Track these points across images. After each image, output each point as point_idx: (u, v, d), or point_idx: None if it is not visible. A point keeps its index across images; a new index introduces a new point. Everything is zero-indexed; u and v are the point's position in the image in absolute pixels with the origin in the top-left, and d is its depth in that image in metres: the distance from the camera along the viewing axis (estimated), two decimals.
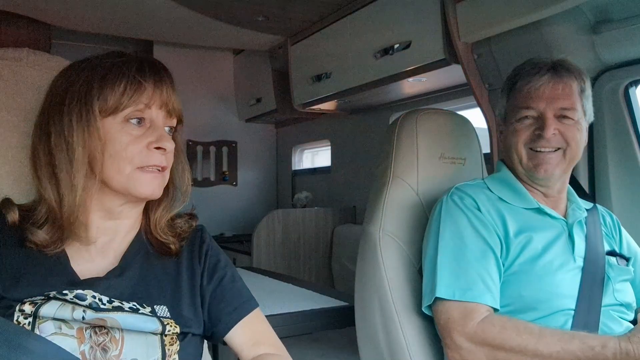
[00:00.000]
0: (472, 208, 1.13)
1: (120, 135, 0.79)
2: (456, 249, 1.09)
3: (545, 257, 1.08)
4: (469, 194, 1.15)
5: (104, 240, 0.84)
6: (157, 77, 0.81)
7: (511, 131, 1.16)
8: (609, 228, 1.23)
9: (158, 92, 0.80)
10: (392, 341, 1.19)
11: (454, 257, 1.08)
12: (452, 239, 1.10)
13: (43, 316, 0.74)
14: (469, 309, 1.03)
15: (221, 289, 0.88)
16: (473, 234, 1.09)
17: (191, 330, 0.83)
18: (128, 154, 0.79)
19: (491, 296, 1.04)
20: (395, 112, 2.70)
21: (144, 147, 0.79)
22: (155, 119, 0.81)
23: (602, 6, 1.39)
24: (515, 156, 1.16)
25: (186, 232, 0.90)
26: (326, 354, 1.65)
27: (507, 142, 1.18)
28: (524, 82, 1.14)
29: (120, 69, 0.80)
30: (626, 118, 1.47)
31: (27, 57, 0.94)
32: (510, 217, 1.12)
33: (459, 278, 1.06)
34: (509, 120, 1.18)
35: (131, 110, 0.79)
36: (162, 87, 0.81)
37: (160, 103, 0.81)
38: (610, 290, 1.09)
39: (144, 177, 0.80)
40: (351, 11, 2.28)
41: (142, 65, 0.81)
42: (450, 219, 1.12)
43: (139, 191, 0.80)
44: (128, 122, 0.79)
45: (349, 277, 1.52)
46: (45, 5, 2.38)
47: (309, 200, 3.33)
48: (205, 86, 3.63)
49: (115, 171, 0.79)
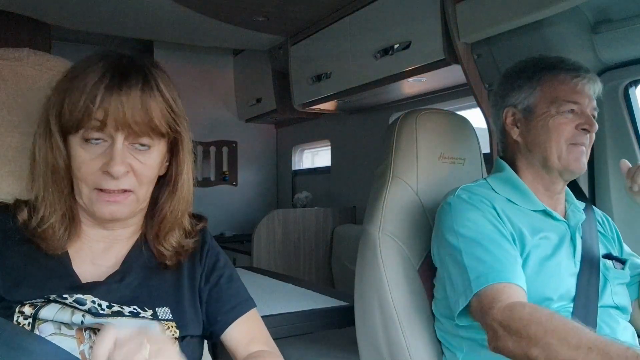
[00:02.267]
0: (483, 204, 1.10)
1: (78, 153, 0.75)
2: (477, 243, 1.04)
3: (554, 259, 1.07)
4: (477, 192, 1.13)
5: (104, 246, 0.84)
6: (120, 88, 0.73)
7: (549, 124, 1.11)
8: (606, 230, 1.23)
9: (115, 107, 0.72)
10: (391, 341, 1.19)
11: (477, 251, 1.03)
12: (471, 235, 1.06)
13: (42, 318, 0.74)
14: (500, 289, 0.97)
15: (218, 289, 0.88)
16: (490, 226, 1.06)
17: (190, 332, 0.82)
18: (82, 173, 0.75)
19: (521, 276, 1.00)
20: (395, 112, 2.70)
21: (98, 170, 0.74)
22: (115, 137, 0.74)
23: (602, 6, 1.39)
24: (554, 150, 1.11)
25: (189, 251, 0.88)
26: (326, 353, 1.65)
27: (540, 135, 1.12)
28: (569, 76, 1.11)
29: (81, 81, 0.74)
30: (626, 118, 1.47)
31: (28, 57, 0.94)
32: (519, 218, 1.10)
33: (487, 265, 1.00)
34: (540, 112, 1.13)
35: (86, 130, 0.73)
36: (124, 102, 0.72)
37: (118, 122, 0.72)
38: (608, 292, 1.09)
39: (99, 201, 0.76)
40: (351, 11, 2.28)
41: (106, 71, 0.73)
42: (464, 216, 1.09)
43: (98, 214, 0.77)
44: (87, 141, 0.74)
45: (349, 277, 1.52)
46: (45, 5, 2.39)
47: (309, 200, 3.33)
48: (205, 86, 3.62)
49: (77, 189, 0.78)
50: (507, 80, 1.20)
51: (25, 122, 0.90)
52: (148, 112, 0.75)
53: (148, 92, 0.75)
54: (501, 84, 1.22)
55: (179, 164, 0.83)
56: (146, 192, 0.81)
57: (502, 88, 1.21)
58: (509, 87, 1.18)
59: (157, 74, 0.79)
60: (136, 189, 0.78)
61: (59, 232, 0.78)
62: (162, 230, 0.84)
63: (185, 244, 0.86)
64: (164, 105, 0.77)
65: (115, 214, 0.77)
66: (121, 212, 0.78)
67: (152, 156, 0.78)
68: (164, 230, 0.84)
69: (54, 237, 0.78)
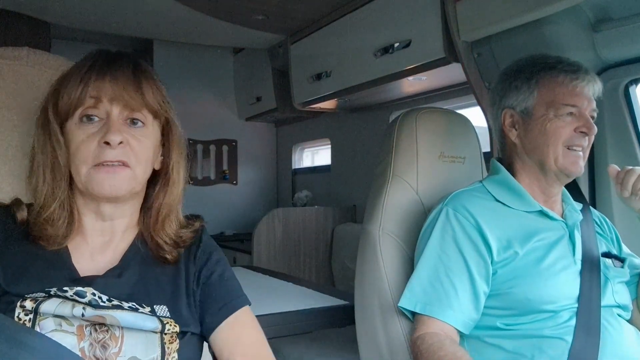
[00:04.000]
0: (464, 224, 1.10)
1: (75, 135, 0.78)
2: (435, 263, 1.09)
3: (548, 260, 1.07)
4: (465, 206, 1.12)
5: (102, 240, 0.84)
6: (113, 69, 0.78)
7: (547, 127, 1.10)
8: (604, 230, 1.23)
9: (109, 85, 0.77)
10: (392, 340, 1.19)
11: (431, 270, 1.10)
12: (435, 252, 1.10)
13: (43, 313, 0.74)
14: (421, 321, 1.07)
15: (207, 288, 0.87)
16: (456, 256, 1.08)
17: (190, 330, 0.83)
18: (82, 153, 0.77)
19: (452, 313, 1.05)
20: (395, 111, 2.70)
21: (96, 144, 0.77)
22: (110, 112, 0.78)
23: (602, 5, 1.39)
24: (551, 153, 1.11)
25: (187, 242, 0.88)
26: (326, 352, 1.65)
27: (537, 138, 1.12)
28: (568, 77, 1.11)
29: (77, 69, 0.79)
30: (626, 116, 1.47)
31: (27, 56, 0.94)
32: (510, 225, 1.10)
33: (429, 295, 1.08)
34: (538, 115, 1.12)
35: (82, 108, 0.78)
36: (117, 79, 0.78)
37: (112, 95, 0.77)
38: (609, 291, 1.09)
39: (99, 175, 0.77)
40: (351, 10, 2.28)
41: (98, 59, 0.79)
42: (440, 231, 1.12)
43: (97, 190, 0.78)
44: (82, 121, 0.78)
45: (349, 276, 1.53)
46: (45, 3, 2.39)
47: (309, 199, 3.33)
48: (205, 85, 3.62)
49: (75, 173, 0.79)
50: (505, 80, 1.19)
51: (24, 122, 0.90)
52: (140, 87, 0.79)
53: (139, 72, 0.80)
54: (499, 82, 1.21)
55: (171, 151, 0.86)
56: (143, 173, 0.82)
57: (501, 87, 1.20)
58: (507, 87, 1.18)
59: (147, 65, 0.84)
60: (133, 165, 0.79)
61: (58, 225, 0.79)
62: (159, 219, 0.86)
63: (183, 234, 0.88)
64: (155, 86, 0.82)
65: (114, 188, 0.78)
66: (119, 186, 0.79)
67: (147, 134, 0.82)
68: (160, 218, 0.86)
69: (53, 231, 0.79)
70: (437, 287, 1.08)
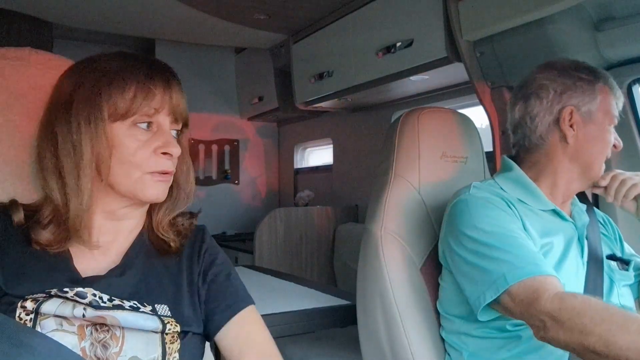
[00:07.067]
0: (500, 202, 1.08)
1: (128, 140, 0.79)
2: (506, 238, 1.01)
3: (564, 260, 1.06)
4: (490, 190, 1.12)
5: (106, 239, 0.84)
6: (165, 82, 0.82)
7: (605, 136, 1.11)
8: (608, 231, 1.23)
9: (167, 98, 0.81)
10: (394, 340, 1.19)
11: (508, 245, 1.00)
12: (497, 231, 1.03)
13: (44, 313, 0.74)
14: (542, 281, 0.94)
15: (215, 287, 0.87)
16: (512, 223, 1.04)
17: (192, 329, 0.83)
18: (137, 159, 0.79)
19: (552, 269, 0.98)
20: (397, 111, 2.70)
21: (152, 152, 0.80)
22: (162, 123, 0.82)
23: (605, 4, 1.38)
24: (600, 162, 1.12)
25: (187, 230, 0.90)
26: (328, 352, 1.65)
27: (594, 144, 1.11)
28: (617, 94, 1.12)
29: (129, 72, 0.80)
30: (629, 115, 1.46)
31: (30, 56, 0.94)
32: (529, 219, 1.09)
33: (521, 258, 0.97)
34: (598, 121, 1.10)
35: (140, 115, 0.79)
36: (171, 92, 0.82)
37: (169, 109, 0.82)
38: (615, 294, 1.09)
39: (151, 181, 0.81)
40: (353, 9, 2.28)
41: (151, 69, 0.82)
42: (484, 212, 1.06)
43: (146, 195, 0.81)
44: (136, 126, 0.80)
45: (351, 276, 1.52)
46: (47, 3, 2.39)
47: (311, 199, 3.33)
48: (207, 85, 3.63)
49: (123, 176, 0.80)
50: (565, 75, 1.12)
51: (26, 122, 0.90)
52: (183, 100, 0.85)
53: (178, 84, 0.85)
54: (559, 76, 1.13)
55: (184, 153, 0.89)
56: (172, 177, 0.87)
57: (561, 82, 1.12)
58: (570, 83, 1.11)
59: None
60: (173, 172, 0.85)
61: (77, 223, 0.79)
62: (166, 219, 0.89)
63: (181, 221, 0.90)
64: (184, 96, 0.87)
65: (160, 194, 0.83)
66: (164, 193, 0.84)
67: (182, 141, 0.87)
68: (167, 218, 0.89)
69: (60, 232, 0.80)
70: (528, 248, 0.99)
